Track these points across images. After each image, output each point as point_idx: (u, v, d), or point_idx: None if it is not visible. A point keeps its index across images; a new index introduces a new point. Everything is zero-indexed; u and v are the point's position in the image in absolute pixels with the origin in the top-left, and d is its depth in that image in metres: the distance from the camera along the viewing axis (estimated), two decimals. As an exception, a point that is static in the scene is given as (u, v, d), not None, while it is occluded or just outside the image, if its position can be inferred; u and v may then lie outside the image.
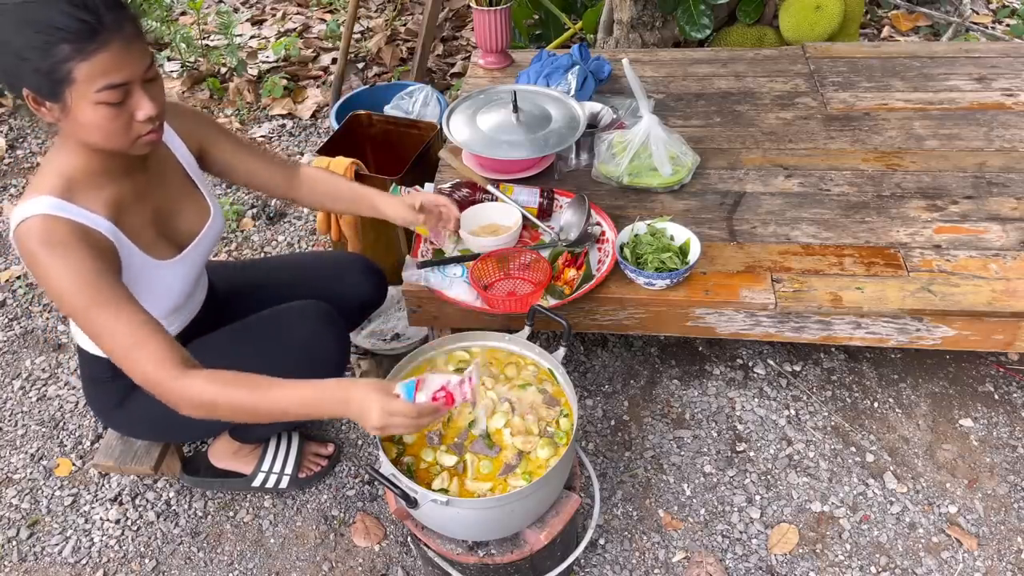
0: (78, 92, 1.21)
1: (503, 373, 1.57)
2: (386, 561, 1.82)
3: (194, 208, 1.56)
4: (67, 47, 1.17)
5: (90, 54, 1.18)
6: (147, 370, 1.28)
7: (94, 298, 1.27)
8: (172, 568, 1.83)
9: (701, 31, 2.83)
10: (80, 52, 1.18)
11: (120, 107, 1.24)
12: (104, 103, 1.22)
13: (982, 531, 1.81)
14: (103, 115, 1.23)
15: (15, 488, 2.02)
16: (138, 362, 1.28)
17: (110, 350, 1.30)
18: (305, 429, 2.09)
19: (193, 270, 1.56)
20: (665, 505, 1.89)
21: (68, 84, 1.20)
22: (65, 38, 1.16)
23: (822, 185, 2.03)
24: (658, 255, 1.75)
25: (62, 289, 1.27)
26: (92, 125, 1.25)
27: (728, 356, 2.22)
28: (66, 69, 1.18)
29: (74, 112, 1.23)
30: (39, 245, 1.27)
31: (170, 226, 1.51)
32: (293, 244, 2.75)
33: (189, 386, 1.28)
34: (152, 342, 1.29)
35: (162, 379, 1.28)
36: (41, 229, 1.28)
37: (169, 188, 1.52)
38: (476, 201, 1.93)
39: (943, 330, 1.73)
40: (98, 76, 1.20)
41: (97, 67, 1.19)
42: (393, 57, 3.70)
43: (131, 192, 1.43)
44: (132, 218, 1.42)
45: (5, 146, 3.31)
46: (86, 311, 1.28)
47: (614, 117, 2.18)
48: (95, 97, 1.21)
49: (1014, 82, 2.37)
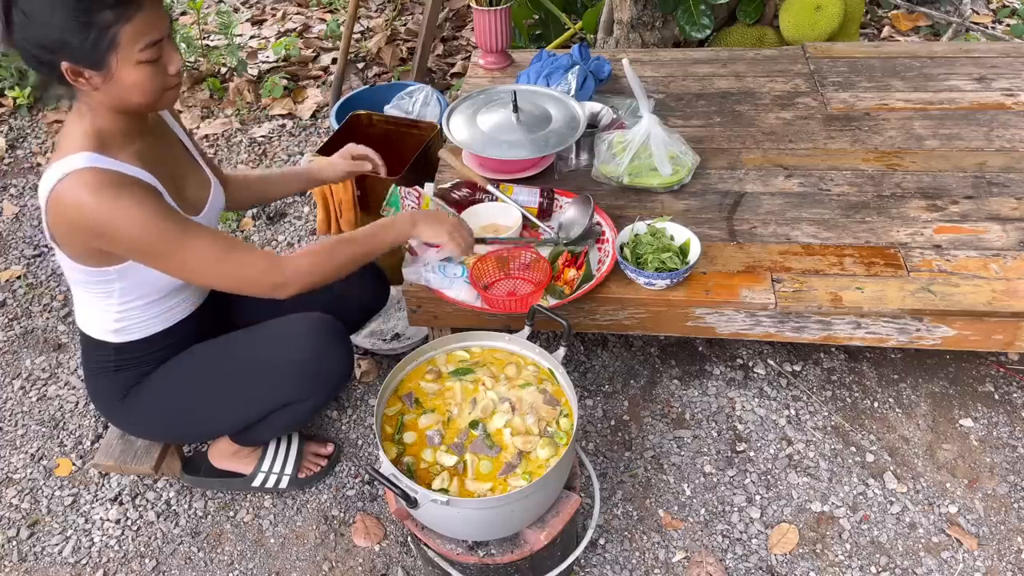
0: (123, 55, 1.27)
1: (503, 373, 1.57)
2: (386, 561, 1.82)
3: (198, 178, 1.61)
4: (109, 13, 1.23)
5: (132, 16, 1.24)
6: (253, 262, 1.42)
7: (168, 228, 1.34)
8: (172, 568, 1.83)
9: (701, 31, 2.83)
10: (123, 16, 1.24)
11: (157, 64, 1.31)
12: (145, 62, 1.28)
13: (982, 531, 1.81)
14: (145, 74, 1.30)
15: (15, 488, 2.02)
16: (240, 263, 1.41)
17: (203, 272, 1.40)
18: (305, 429, 2.09)
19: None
20: (665, 505, 1.89)
21: (113, 49, 1.25)
22: (106, 5, 1.22)
23: (822, 185, 2.03)
24: (658, 255, 1.75)
25: (134, 226, 1.32)
26: (135, 85, 1.30)
27: (728, 356, 2.22)
28: (111, 35, 1.24)
29: (118, 75, 1.28)
30: (93, 193, 1.30)
31: (184, 192, 1.55)
32: (293, 244, 2.75)
33: (294, 261, 1.45)
34: (240, 247, 1.43)
35: (272, 263, 1.43)
36: (90, 178, 1.31)
37: (177, 157, 1.58)
38: (476, 201, 1.94)
39: (943, 330, 1.73)
40: (140, 36, 1.26)
41: (139, 27, 1.26)
42: (393, 57, 3.70)
43: (153, 153, 1.48)
44: (160, 174, 1.46)
45: (5, 146, 3.31)
46: (166, 239, 1.34)
47: (614, 117, 2.18)
48: (138, 56, 1.27)
49: (1014, 82, 2.37)
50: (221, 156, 3.21)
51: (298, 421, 1.73)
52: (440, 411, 1.51)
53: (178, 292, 1.59)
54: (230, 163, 3.16)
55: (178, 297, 1.60)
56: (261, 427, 1.71)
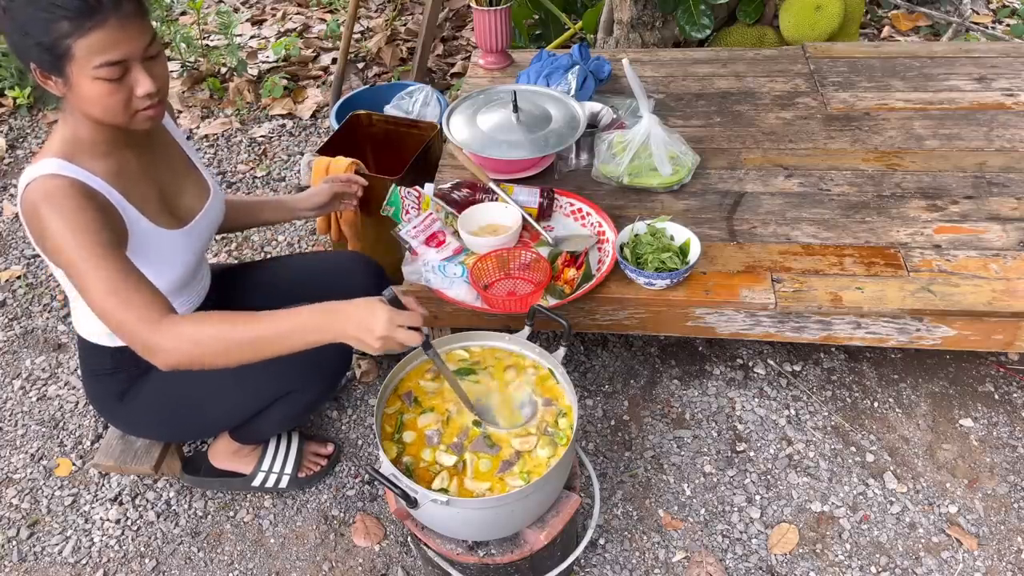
0: (77, 67, 1.25)
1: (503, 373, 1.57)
2: (386, 561, 1.82)
3: (195, 188, 1.61)
4: (67, 24, 1.22)
5: (88, 31, 1.22)
6: (137, 307, 1.27)
7: (85, 245, 1.28)
8: (172, 568, 1.83)
9: (701, 31, 2.83)
10: (78, 29, 1.22)
11: (119, 83, 1.28)
12: (102, 79, 1.26)
13: (982, 531, 1.81)
14: (102, 90, 1.27)
15: (15, 488, 2.02)
16: (120, 307, 1.27)
17: (93, 298, 1.29)
18: (305, 429, 2.09)
19: (199, 244, 1.60)
20: (665, 505, 1.89)
21: (68, 59, 1.24)
22: (65, 15, 1.21)
23: (822, 185, 2.03)
24: (658, 255, 1.75)
25: (56, 238, 1.29)
26: (91, 99, 1.29)
27: (728, 356, 2.22)
28: (65, 45, 1.23)
29: (75, 86, 1.28)
30: (41, 200, 1.30)
31: (174, 202, 1.55)
32: (293, 244, 2.75)
33: (171, 327, 1.27)
34: (140, 290, 1.29)
35: (153, 316, 1.27)
36: (43, 185, 1.31)
37: (171, 166, 1.57)
38: (476, 201, 1.93)
39: (943, 330, 1.73)
40: (96, 53, 1.24)
41: (95, 44, 1.23)
42: (393, 57, 3.70)
43: (136, 166, 1.47)
44: (137, 189, 1.46)
45: (5, 146, 3.31)
46: (77, 258, 1.28)
47: (614, 117, 2.18)
48: (93, 73, 1.25)
49: (1014, 82, 2.37)
50: (221, 156, 3.21)
51: (297, 414, 1.72)
52: (439, 410, 1.51)
53: (178, 289, 1.58)
54: (230, 163, 3.16)
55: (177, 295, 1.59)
56: (261, 421, 1.71)
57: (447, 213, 1.93)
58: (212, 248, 2.75)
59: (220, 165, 3.15)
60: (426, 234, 1.83)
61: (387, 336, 1.26)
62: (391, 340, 1.27)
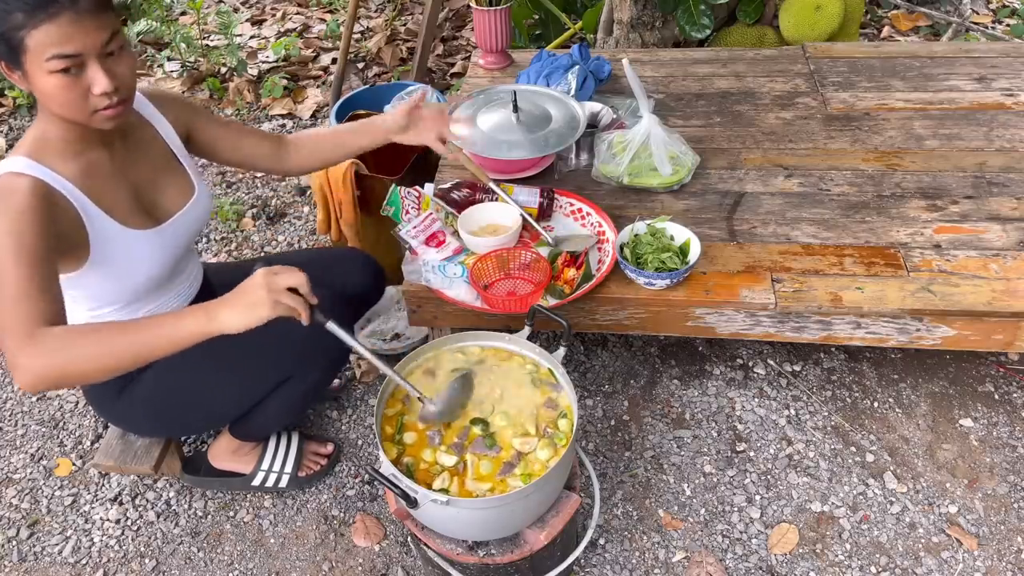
0: (31, 60, 1.25)
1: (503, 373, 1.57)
2: (386, 561, 1.82)
3: (176, 186, 1.58)
4: (20, 15, 1.21)
5: (39, 23, 1.22)
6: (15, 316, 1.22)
7: (12, 248, 1.26)
8: (172, 568, 1.83)
9: (701, 31, 2.83)
10: (31, 20, 1.21)
11: (74, 78, 1.27)
12: (55, 71, 1.25)
13: (982, 531, 1.81)
14: (55, 84, 1.27)
15: (15, 488, 2.02)
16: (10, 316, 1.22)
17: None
18: (305, 429, 2.09)
19: (174, 244, 1.57)
20: (665, 505, 1.89)
21: (23, 52, 1.24)
22: (19, 6, 1.21)
23: (822, 185, 2.03)
24: (658, 255, 1.75)
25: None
26: (46, 94, 1.29)
27: (728, 356, 2.22)
28: (19, 36, 1.23)
29: (32, 80, 1.27)
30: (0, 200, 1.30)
31: (149, 201, 1.53)
32: (293, 244, 2.75)
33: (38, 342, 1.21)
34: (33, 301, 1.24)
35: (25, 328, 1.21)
36: (3, 184, 1.31)
37: (150, 165, 1.55)
38: (476, 201, 1.93)
39: (943, 330, 1.73)
40: (47, 46, 1.23)
41: (46, 37, 1.22)
42: (393, 57, 3.70)
43: (107, 163, 1.46)
44: (105, 187, 1.44)
45: (5, 146, 3.31)
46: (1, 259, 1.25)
47: (614, 117, 2.18)
48: (46, 66, 1.25)
49: (1014, 82, 2.37)
50: (221, 156, 3.20)
51: (297, 404, 1.72)
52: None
53: (145, 299, 1.57)
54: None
55: (150, 304, 1.59)
56: (260, 414, 1.71)
57: (447, 213, 1.93)
58: (212, 248, 2.75)
59: (220, 165, 3.15)
60: (426, 234, 1.83)
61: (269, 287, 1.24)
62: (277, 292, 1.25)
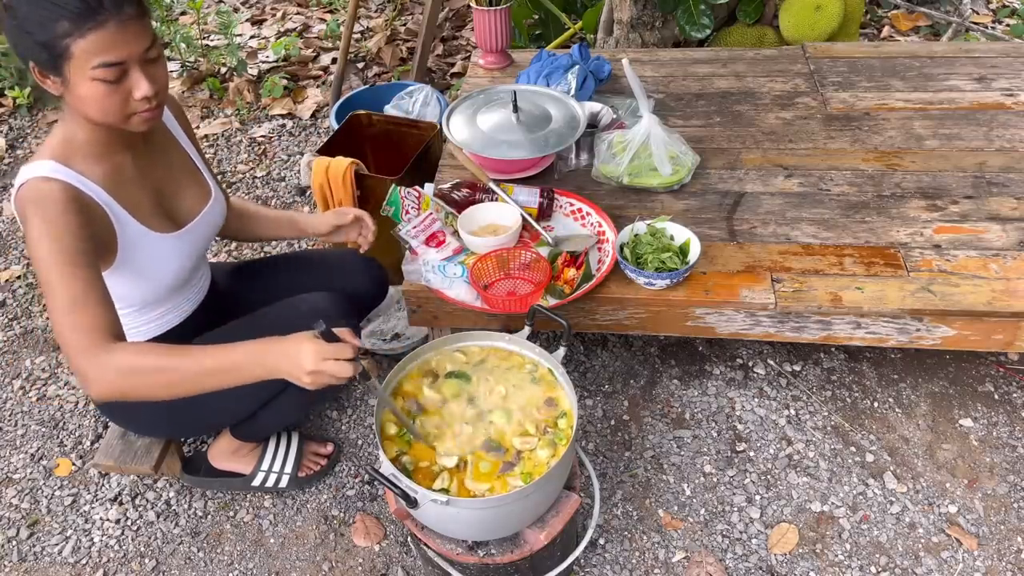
0: (75, 67, 1.25)
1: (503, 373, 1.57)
2: (386, 561, 1.82)
3: (195, 190, 1.60)
4: (66, 23, 1.22)
5: (87, 32, 1.23)
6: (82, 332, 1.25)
7: (56, 255, 1.28)
8: (172, 568, 1.83)
9: (701, 31, 2.83)
10: (77, 29, 1.22)
11: (116, 84, 1.28)
12: (100, 80, 1.26)
13: (982, 531, 1.81)
14: (99, 91, 1.28)
15: (15, 488, 2.02)
16: (73, 326, 1.26)
17: (51, 311, 1.28)
18: (305, 429, 2.09)
19: (193, 248, 1.59)
20: (665, 505, 1.89)
21: (67, 59, 1.25)
22: (64, 15, 1.22)
23: (822, 185, 2.03)
24: (658, 255, 1.75)
25: (33, 243, 1.29)
26: (89, 100, 1.29)
27: (728, 356, 2.22)
28: (64, 44, 1.23)
29: (72, 86, 1.28)
30: (29, 203, 1.31)
31: (171, 205, 1.55)
32: (293, 244, 2.75)
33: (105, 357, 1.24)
34: (90, 313, 1.27)
35: (93, 345, 1.25)
36: (34, 188, 1.32)
37: (171, 169, 1.57)
38: (476, 201, 1.93)
39: (943, 330, 1.73)
40: (93, 54, 1.24)
41: (93, 45, 1.23)
42: (393, 57, 3.70)
43: (132, 167, 1.47)
44: (131, 191, 1.46)
45: (5, 146, 3.31)
46: (46, 267, 1.28)
47: (614, 117, 2.18)
48: (91, 74, 1.26)
49: (1014, 82, 2.37)
50: (221, 156, 3.21)
51: (301, 406, 1.72)
52: (440, 411, 1.51)
53: (163, 301, 1.58)
54: (230, 163, 3.16)
55: (166, 305, 1.60)
56: (263, 415, 1.71)
57: (447, 213, 1.93)
58: (212, 248, 2.75)
59: (220, 165, 3.15)
60: (426, 234, 1.83)
61: (316, 371, 1.25)
62: (321, 375, 1.26)
